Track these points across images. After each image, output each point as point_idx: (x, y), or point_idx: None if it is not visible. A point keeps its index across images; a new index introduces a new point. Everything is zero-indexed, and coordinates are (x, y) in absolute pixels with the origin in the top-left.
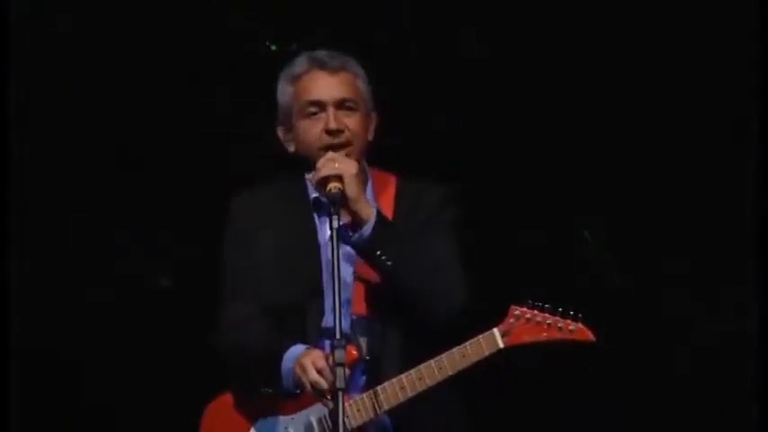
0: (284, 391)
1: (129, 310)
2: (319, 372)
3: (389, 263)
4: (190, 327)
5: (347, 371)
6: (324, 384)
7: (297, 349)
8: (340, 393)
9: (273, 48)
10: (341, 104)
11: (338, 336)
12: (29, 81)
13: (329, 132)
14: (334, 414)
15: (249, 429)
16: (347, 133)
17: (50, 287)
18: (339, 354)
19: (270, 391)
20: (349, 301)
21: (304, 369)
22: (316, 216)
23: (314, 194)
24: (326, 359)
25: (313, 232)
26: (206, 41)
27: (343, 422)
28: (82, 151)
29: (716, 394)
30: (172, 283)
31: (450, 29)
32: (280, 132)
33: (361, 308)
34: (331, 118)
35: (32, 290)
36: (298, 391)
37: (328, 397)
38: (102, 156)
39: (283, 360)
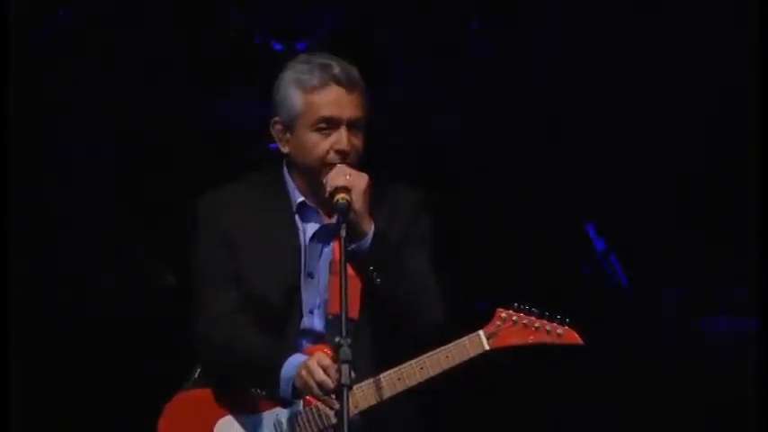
0: (279, 399)
1: (132, 309)
2: (324, 370)
3: (379, 279)
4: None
5: (353, 372)
6: (330, 384)
7: (298, 358)
8: (345, 390)
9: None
10: (352, 124)
11: (344, 334)
12: (29, 81)
13: (339, 152)
14: (339, 411)
15: (212, 429)
16: (353, 153)
17: (51, 287)
18: (344, 352)
19: (263, 393)
20: (326, 302)
21: (310, 371)
22: (298, 218)
23: (300, 198)
24: (330, 358)
25: (294, 233)
26: (207, 40)
27: (348, 419)
28: (83, 150)
29: (715, 394)
30: (177, 281)
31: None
32: (276, 129)
33: (335, 306)
34: (344, 139)
35: (33, 290)
36: (295, 400)
37: (333, 396)
38: (103, 155)
39: (283, 369)
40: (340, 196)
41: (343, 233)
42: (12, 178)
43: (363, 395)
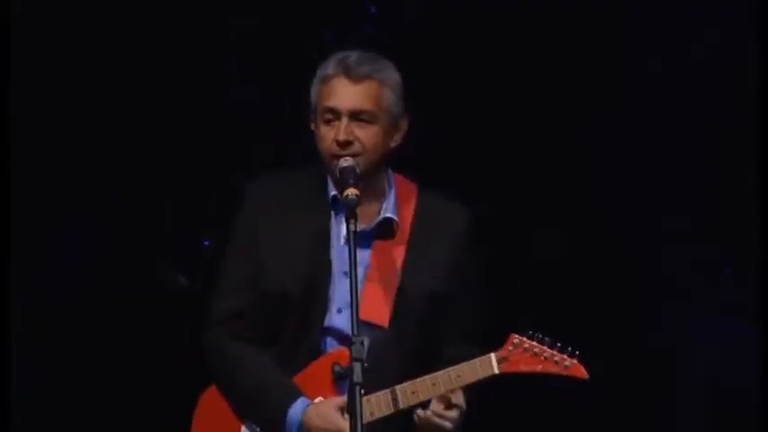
0: None
1: (139, 310)
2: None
3: None
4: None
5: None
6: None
7: (301, 404)
8: (358, 388)
9: None
10: (355, 115)
11: (355, 332)
12: (29, 81)
13: (337, 143)
14: (352, 409)
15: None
16: (357, 145)
17: (54, 287)
18: (357, 349)
19: (258, 429)
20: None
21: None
22: (333, 214)
23: (333, 192)
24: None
25: (327, 230)
26: (212, 36)
27: (362, 416)
28: (84, 149)
29: (715, 394)
30: (189, 282)
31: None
32: (312, 125)
33: (365, 312)
34: (341, 129)
35: (34, 290)
36: None
37: None
38: (104, 154)
39: (288, 416)
40: (349, 191)
41: (352, 227)
42: (11, 178)
43: (378, 403)
